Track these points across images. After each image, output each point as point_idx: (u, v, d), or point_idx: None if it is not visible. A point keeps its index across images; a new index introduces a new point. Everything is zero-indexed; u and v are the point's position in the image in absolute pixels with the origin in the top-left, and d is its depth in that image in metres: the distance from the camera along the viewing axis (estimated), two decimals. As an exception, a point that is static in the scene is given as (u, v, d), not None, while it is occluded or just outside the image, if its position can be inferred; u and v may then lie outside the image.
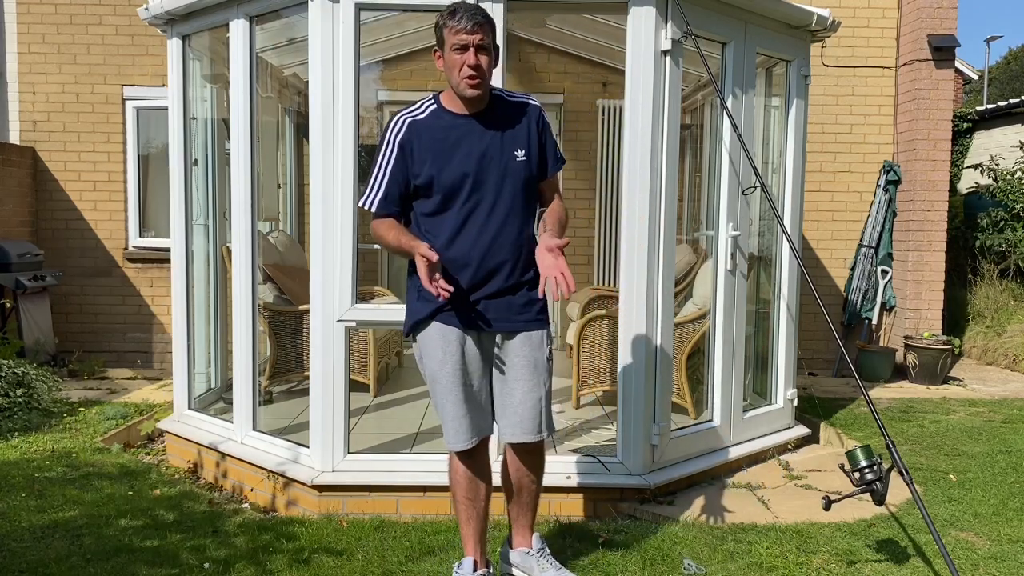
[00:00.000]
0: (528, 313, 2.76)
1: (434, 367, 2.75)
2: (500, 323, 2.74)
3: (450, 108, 2.70)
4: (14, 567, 3.07)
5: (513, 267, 2.72)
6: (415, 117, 2.70)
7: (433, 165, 2.65)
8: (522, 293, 2.75)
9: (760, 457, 4.49)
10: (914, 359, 6.51)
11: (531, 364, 2.76)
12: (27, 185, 6.96)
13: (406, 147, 2.68)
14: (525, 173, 2.72)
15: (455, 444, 2.76)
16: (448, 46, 2.58)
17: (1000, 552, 3.23)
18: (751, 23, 4.22)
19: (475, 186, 2.66)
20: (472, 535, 2.86)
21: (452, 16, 2.56)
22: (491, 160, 2.67)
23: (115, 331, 7.12)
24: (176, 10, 4.36)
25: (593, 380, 5.10)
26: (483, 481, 2.85)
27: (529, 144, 2.73)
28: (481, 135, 2.67)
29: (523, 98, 2.80)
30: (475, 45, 2.55)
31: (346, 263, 3.71)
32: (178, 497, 3.95)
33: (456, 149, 2.66)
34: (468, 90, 2.59)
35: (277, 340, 5.38)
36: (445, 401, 2.74)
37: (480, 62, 2.56)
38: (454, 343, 2.73)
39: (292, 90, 6.86)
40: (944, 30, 6.79)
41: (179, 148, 4.65)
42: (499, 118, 2.71)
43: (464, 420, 2.74)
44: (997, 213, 8.25)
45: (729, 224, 4.22)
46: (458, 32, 2.54)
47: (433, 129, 2.67)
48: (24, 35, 6.99)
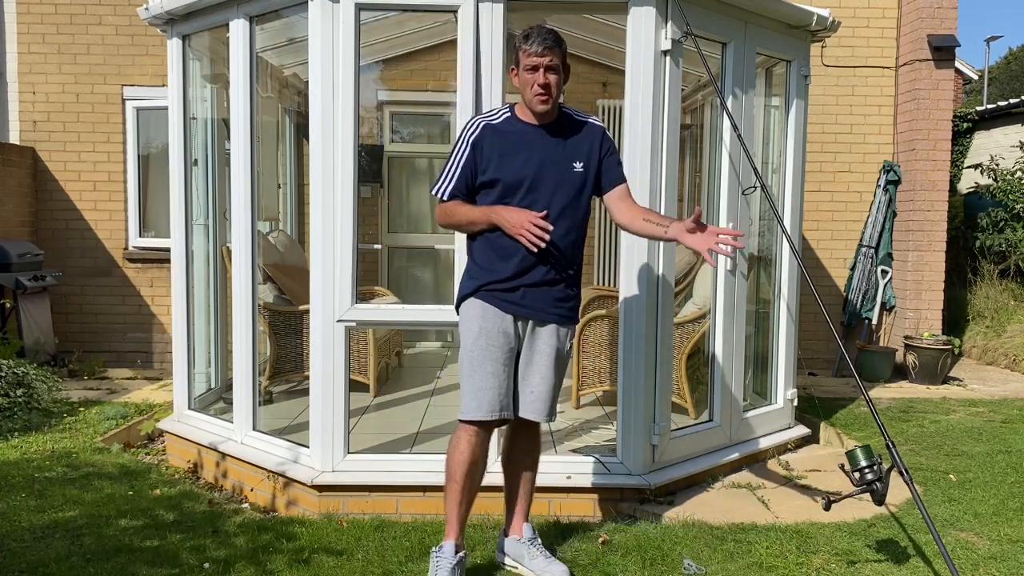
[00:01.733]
0: (562, 308, 2.98)
1: (468, 341, 2.95)
2: (535, 312, 2.95)
3: (522, 118, 2.97)
4: (14, 567, 3.07)
5: (556, 263, 2.93)
6: (490, 121, 2.98)
7: (498, 164, 2.91)
8: (559, 288, 2.97)
9: (760, 457, 4.49)
10: (914, 359, 6.51)
11: (554, 353, 2.98)
12: (27, 185, 6.96)
13: (477, 146, 2.93)
14: (580, 183, 2.96)
15: (474, 413, 2.89)
16: (522, 66, 2.86)
17: (1000, 552, 3.23)
18: (751, 23, 4.22)
19: (531, 187, 2.90)
20: (460, 518, 2.97)
21: (527, 39, 2.84)
22: (549, 167, 2.92)
23: (115, 331, 7.12)
24: (176, 10, 4.36)
25: (593, 380, 5.10)
26: (483, 467, 3.01)
27: (589, 158, 2.97)
28: (544, 144, 2.93)
29: (588, 118, 3.06)
30: (545, 66, 2.83)
31: (346, 263, 3.71)
32: (178, 497, 3.95)
33: (520, 153, 2.92)
34: (539, 106, 2.88)
35: (277, 340, 5.38)
36: (473, 372, 2.91)
37: (549, 81, 2.84)
38: (491, 320, 2.92)
39: (292, 90, 6.86)
40: (944, 30, 6.79)
41: (179, 148, 4.65)
42: (564, 131, 2.97)
43: (487, 393, 2.89)
44: (997, 213, 8.25)
45: (729, 224, 4.22)
46: (530, 55, 2.82)
47: (504, 133, 2.94)
48: (24, 35, 6.99)
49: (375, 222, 7.56)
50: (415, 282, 7.70)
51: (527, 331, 2.97)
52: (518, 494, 3.13)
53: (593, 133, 3.00)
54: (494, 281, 2.92)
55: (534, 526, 3.18)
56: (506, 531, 3.18)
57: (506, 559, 3.14)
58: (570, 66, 2.98)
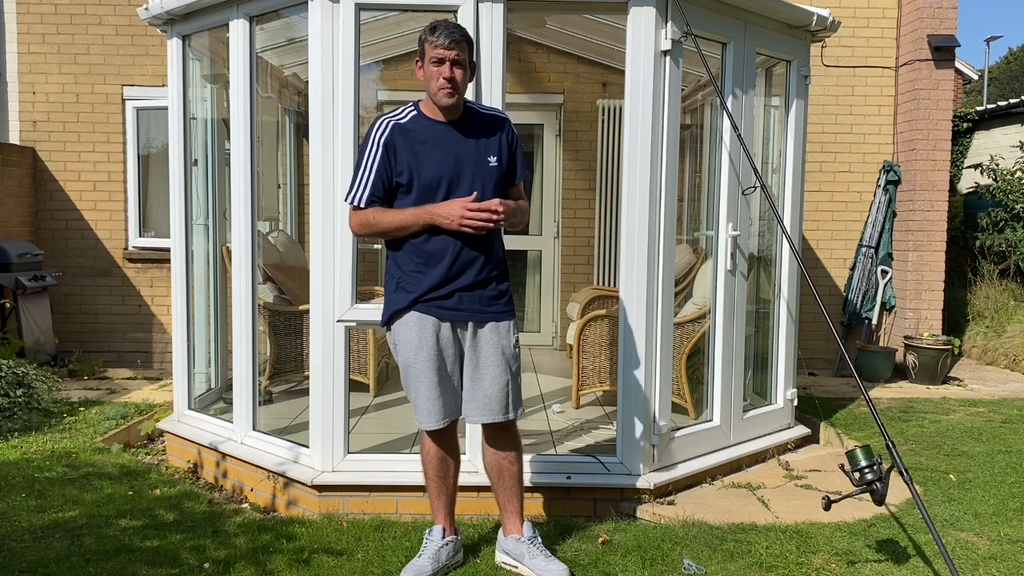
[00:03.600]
0: (497, 305, 3.00)
1: (409, 353, 2.97)
2: (472, 313, 2.97)
3: (429, 115, 2.96)
4: (14, 567, 3.07)
5: (485, 262, 2.95)
6: (398, 120, 2.96)
7: (413, 165, 2.89)
8: (492, 286, 2.99)
9: (760, 457, 4.49)
10: (914, 359, 6.52)
11: (499, 351, 2.99)
12: (27, 185, 6.96)
13: (389, 147, 2.91)
14: (496, 177, 2.96)
15: (428, 424, 3.01)
16: (428, 58, 2.87)
17: (1000, 552, 3.23)
18: (751, 23, 4.22)
19: (451, 186, 2.90)
20: (442, 508, 3.15)
21: (433, 32, 2.85)
22: (466, 163, 2.91)
23: (115, 331, 7.13)
24: (176, 10, 4.36)
25: (593, 380, 5.10)
26: (452, 459, 3.14)
27: (500, 152, 2.98)
28: (457, 141, 2.93)
29: (494, 111, 3.09)
30: (451, 60, 2.83)
31: (346, 263, 3.71)
32: (178, 497, 3.95)
33: (434, 151, 2.90)
34: (444, 99, 2.86)
35: (277, 340, 5.38)
36: (420, 384, 2.98)
37: (455, 75, 2.84)
38: (429, 330, 2.95)
39: (292, 90, 6.86)
40: (944, 30, 6.79)
41: (179, 148, 4.64)
42: (473, 127, 2.97)
43: (437, 402, 2.98)
44: (997, 213, 8.25)
45: (729, 224, 4.22)
46: (437, 47, 2.83)
47: (414, 132, 2.92)
48: (24, 35, 6.99)
49: (375, 222, 7.55)
50: (415, 282, 7.67)
51: (467, 334, 2.98)
52: (504, 493, 3.14)
53: (502, 126, 3.01)
54: (428, 290, 2.91)
55: (534, 525, 3.18)
56: (505, 531, 3.18)
57: (507, 559, 3.14)
58: (475, 64, 2.99)
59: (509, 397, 3.00)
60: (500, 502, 3.17)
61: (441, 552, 3.07)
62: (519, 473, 3.15)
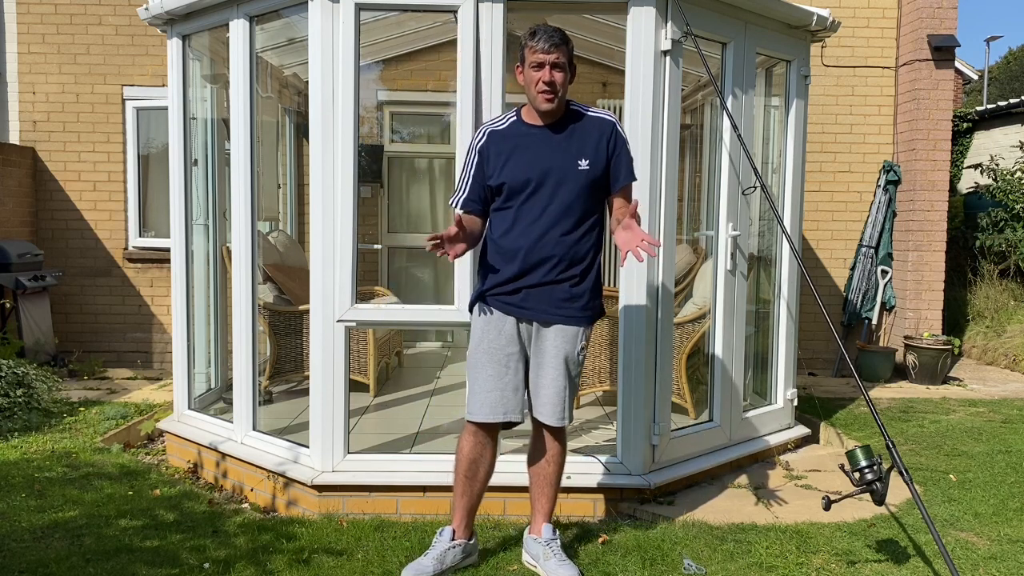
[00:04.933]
0: (567, 308, 2.95)
1: (473, 343, 3.01)
2: (538, 313, 2.95)
3: (528, 120, 2.97)
4: (14, 567, 3.07)
5: (558, 262, 2.91)
6: (496, 127, 3.00)
7: (503, 169, 2.92)
8: (564, 288, 2.94)
9: (760, 457, 4.49)
10: (914, 359, 6.51)
11: (560, 355, 2.96)
12: (27, 185, 6.96)
13: (484, 153, 2.97)
14: (584, 181, 2.91)
15: (474, 415, 2.98)
16: (527, 63, 2.87)
17: (1000, 552, 3.23)
18: (751, 23, 4.22)
19: (535, 189, 2.90)
20: (461, 509, 3.09)
21: (532, 36, 2.85)
22: (553, 166, 2.90)
23: (115, 331, 7.12)
24: (176, 10, 4.36)
25: (593, 380, 5.10)
26: (483, 465, 3.06)
27: (596, 155, 2.93)
28: (549, 143, 2.92)
29: (598, 113, 3.02)
30: (551, 63, 2.83)
31: (346, 263, 3.71)
32: (178, 497, 3.95)
33: (524, 155, 2.91)
34: (543, 104, 2.86)
35: (277, 340, 5.38)
36: (476, 375, 2.98)
37: (554, 79, 2.83)
38: (494, 323, 2.96)
39: (292, 90, 6.86)
40: (944, 30, 6.79)
41: (179, 148, 4.64)
42: (571, 129, 2.94)
43: (488, 396, 2.94)
44: (997, 213, 8.25)
45: (729, 224, 4.22)
46: (536, 51, 2.83)
47: (509, 137, 2.95)
48: (24, 35, 6.99)
49: (375, 222, 7.56)
50: (415, 282, 7.70)
51: (532, 333, 2.98)
52: (536, 491, 3.16)
53: (602, 129, 2.95)
54: (496, 284, 2.94)
55: (555, 527, 3.19)
56: (530, 530, 3.20)
57: (528, 558, 3.17)
58: (576, 66, 2.97)
59: (564, 403, 2.99)
60: (532, 500, 3.19)
61: (447, 554, 3.04)
62: (554, 476, 3.14)
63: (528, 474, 3.19)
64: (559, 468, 3.15)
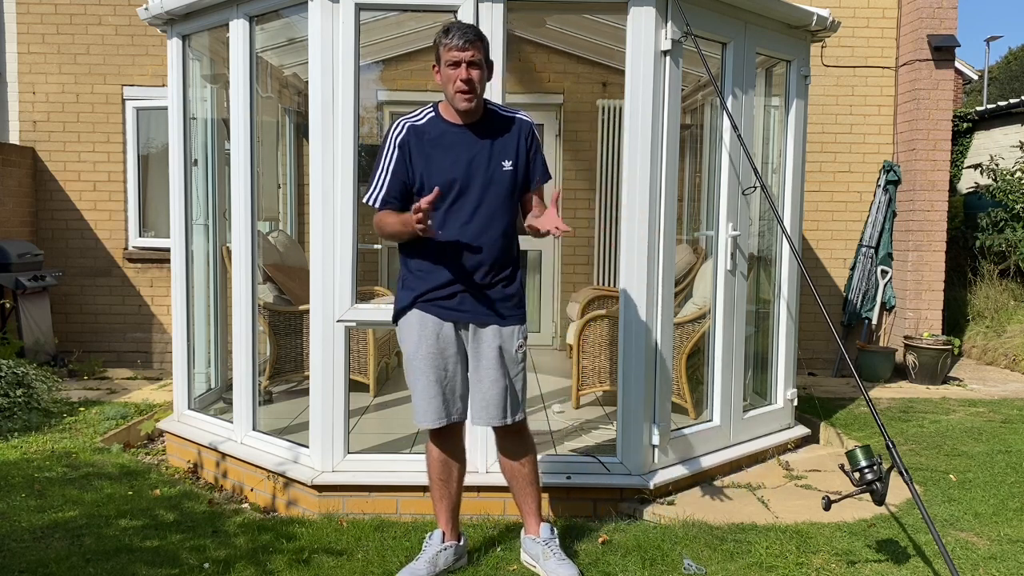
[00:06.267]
0: (501, 308, 2.97)
1: (409, 350, 2.99)
2: (474, 315, 2.96)
3: (446, 117, 2.92)
4: (14, 567, 3.07)
5: (490, 266, 2.92)
6: (415, 122, 2.93)
7: (426, 168, 2.87)
8: (496, 289, 2.96)
9: (760, 457, 4.49)
10: (914, 359, 6.52)
11: (499, 355, 2.96)
12: (27, 185, 6.96)
13: (404, 147, 2.89)
14: (510, 182, 2.92)
15: (422, 422, 2.99)
16: (443, 62, 2.81)
17: (1000, 552, 3.23)
18: (751, 23, 4.22)
19: (461, 190, 2.87)
20: (443, 512, 3.12)
21: (446, 34, 2.79)
22: (478, 167, 2.88)
23: (115, 331, 7.13)
24: (176, 10, 4.36)
25: (593, 380, 5.10)
26: (455, 462, 3.10)
27: (517, 156, 2.94)
28: (472, 144, 2.89)
29: (515, 113, 3.01)
30: (467, 61, 2.77)
31: (346, 263, 3.71)
32: (178, 497, 3.95)
33: (447, 155, 2.87)
34: (461, 103, 2.82)
35: (277, 340, 5.38)
36: (416, 382, 2.97)
37: (472, 77, 2.78)
38: (429, 329, 2.95)
39: (292, 90, 6.86)
40: (944, 30, 6.79)
41: (179, 148, 4.64)
42: (491, 130, 2.92)
43: (433, 401, 2.95)
44: (997, 213, 8.25)
45: (729, 224, 4.22)
46: (451, 49, 2.77)
47: (429, 134, 2.89)
48: (24, 35, 6.99)
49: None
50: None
51: (470, 335, 2.98)
52: (519, 495, 3.16)
53: (520, 130, 2.95)
54: (431, 289, 2.92)
55: (553, 527, 3.19)
56: (525, 531, 3.20)
57: (528, 558, 3.17)
58: (493, 62, 2.94)
59: (507, 401, 2.98)
60: (517, 503, 3.20)
61: (439, 557, 3.06)
62: (531, 475, 3.14)
63: (505, 480, 3.18)
64: (533, 464, 3.14)
